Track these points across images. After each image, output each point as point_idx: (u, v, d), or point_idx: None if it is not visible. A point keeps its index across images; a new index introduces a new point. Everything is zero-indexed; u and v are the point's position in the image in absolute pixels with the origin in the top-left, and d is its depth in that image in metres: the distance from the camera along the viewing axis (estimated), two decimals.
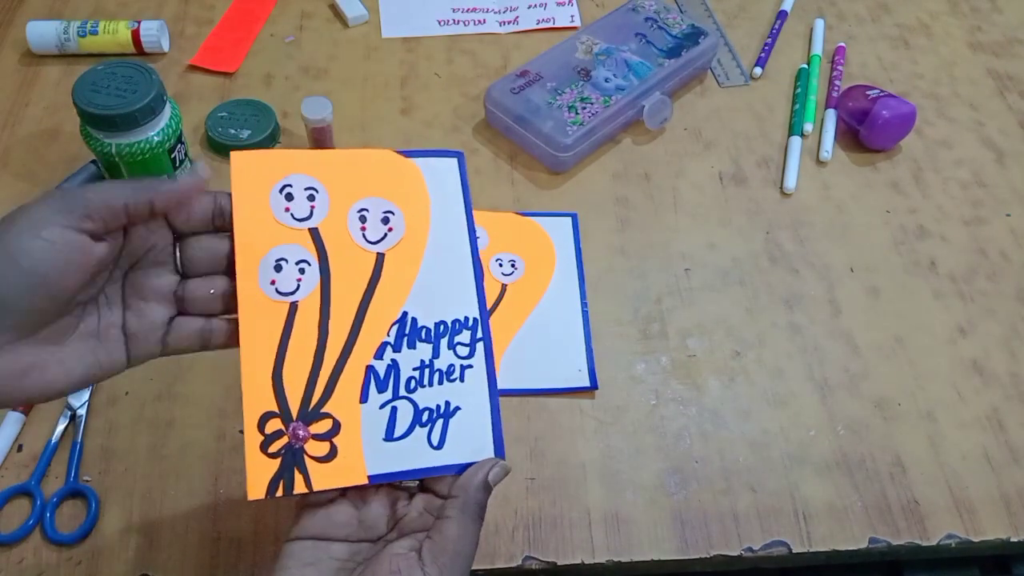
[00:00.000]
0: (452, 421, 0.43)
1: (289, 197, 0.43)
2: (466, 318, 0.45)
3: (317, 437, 0.41)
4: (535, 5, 0.86)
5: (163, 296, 0.41)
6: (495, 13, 0.85)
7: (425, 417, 0.43)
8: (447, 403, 0.43)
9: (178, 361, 0.58)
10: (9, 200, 0.65)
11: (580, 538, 0.53)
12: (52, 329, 0.37)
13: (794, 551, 0.53)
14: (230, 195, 0.42)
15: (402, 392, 0.43)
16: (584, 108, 0.71)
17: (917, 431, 0.59)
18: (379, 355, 0.43)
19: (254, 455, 0.40)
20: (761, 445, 0.57)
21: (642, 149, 0.75)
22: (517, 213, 0.69)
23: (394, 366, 0.43)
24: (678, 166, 0.73)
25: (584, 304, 0.63)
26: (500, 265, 0.65)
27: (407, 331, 0.44)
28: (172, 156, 0.63)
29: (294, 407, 0.41)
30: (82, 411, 0.56)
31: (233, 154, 0.43)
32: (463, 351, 0.44)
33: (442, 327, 0.44)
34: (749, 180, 0.73)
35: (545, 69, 0.74)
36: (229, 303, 0.42)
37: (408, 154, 0.46)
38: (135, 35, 0.77)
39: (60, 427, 0.55)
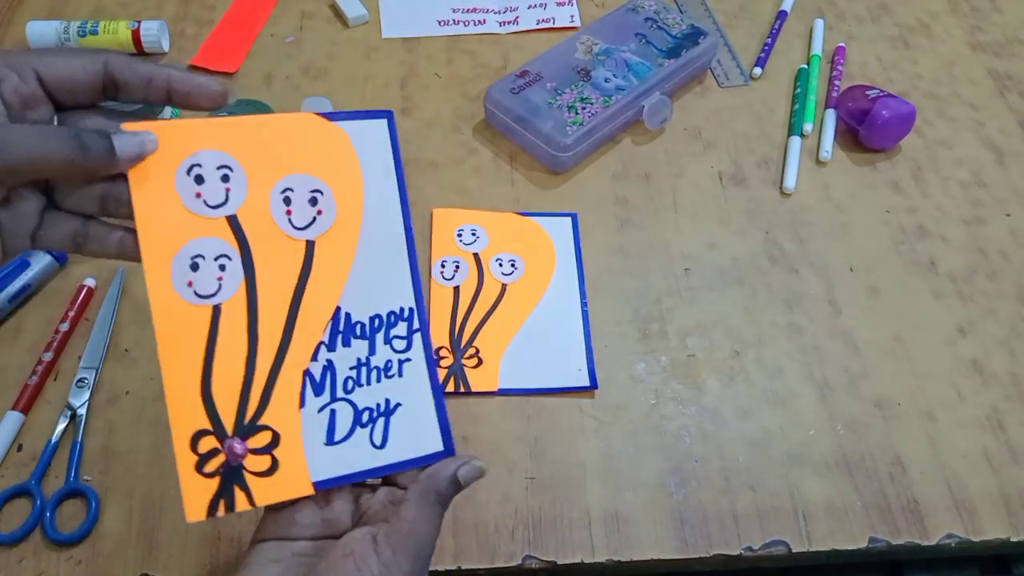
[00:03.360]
0: (393, 419, 0.40)
1: (199, 179, 0.37)
2: (402, 309, 0.41)
3: (256, 452, 0.38)
4: (535, 5, 0.86)
5: (36, 187, 0.37)
6: (495, 13, 0.85)
7: (365, 417, 0.40)
8: (387, 401, 0.40)
9: None
10: None
11: (580, 537, 0.53)
12: None
13: (794, 551, 0.53)
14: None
15: (340, 394, 0.40)
16: (584, 108, 0.71)
17: (917, 431, 0.59)
18: (315, 357, 0.39)
19: (189, 476, 0.37)
20: (761, 445, 0.57)
21: (642, 149, 0.75)
22: (517, 213, 0.69)
23: (330, 367, 0.39)
24: (678, 166, 0.73)
25: (584, 304, 0.63)
26: (500, 265, 0.65)
27: (341, 329, 0.40)
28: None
29: (228, 422, 0.37)
30: (82, 411, 0.56)
31: (123, 127, 0.36)
32: (400, 344, 0.41)
33: (377, 321, 0.40)
34: (749, 180, 0.73)
35: (545, 69, 0.74)
36: (107, 204, 0.37)
37: (332, 117, 0.40)
38: (135, 35, 0.77)
39: (60, 427, 0.55)
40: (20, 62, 0.35)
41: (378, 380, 0.40)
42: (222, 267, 0.37)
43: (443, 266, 0.65)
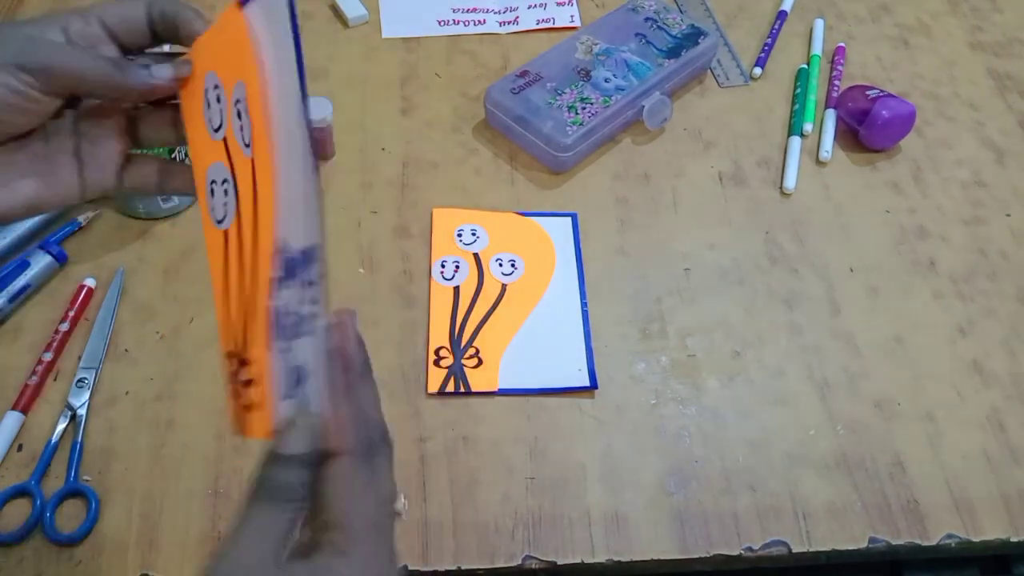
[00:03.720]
0: (308, 388, 0.33)
1: (208, 104, 0.36)
2: (312, 247, 0.33)
3: (244, 384, 0.35)
4: (535, 5, 0.86)
5: (118, 123, 0.39)
6: (495, 13, 0.85)
7: (295, 377, 0.33)
8: (305, 365, 0.33)
9: (178, 361, 0.59)
10: None
11: (580, 538, 0.53)
12: None
13: (794, 551, 0.53)
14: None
15: (288, 340, 0.33)
16: (584, 108, 0.71)
17: (917, 431, 0.59)
18: (275, 292, 0.33)
19: (228, 390, 0.36)
20: (761, 445, 0.57)
21: (642, 149, 0.75)
22: (517, 213, 0.69)
23: (284, 307, 0.33)
24: (678, 166, 0.73)
25: (584, 304, 0.63)
26: (500, 265, 0.65)
27: (285, 261, 0.33)
28: (172, 155, 0.62)
29: (239, 347, 0.35)
30: (82, 411, 0.56)
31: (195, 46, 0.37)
32: (313, 293, 0.33)
33: (299, 257, 0.33)
34: (749, 180, 0.73)
35: (545, 69, 0.74)
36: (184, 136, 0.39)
37: (243, 2, 0.33)
38: None
39: (60, 427, 0.55)
40: (82, 9, 0.37)
41: (299, 335, 0.33)
42: (225, 192, 0.36)
43: (443, 266, 0.65)
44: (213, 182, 0.36)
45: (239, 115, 0.34)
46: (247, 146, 0.33)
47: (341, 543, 0.31)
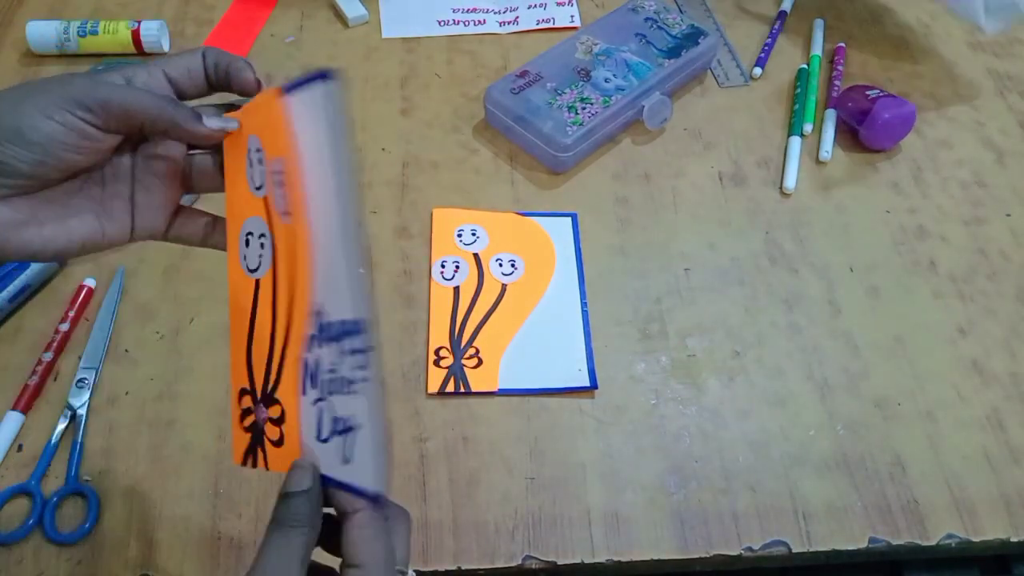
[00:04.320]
0: (358, 437, 0.36)
1: (250, 163, 0.39)
2: (356, 321, 0.35)
3: (272, 421, 0.39)
4: (535, 5, 0.86)
5: (172, 172, 0.41)
6: (495, 13, 0.85)
7: (340, 427, 0.36)
8: (353, 417, 0.36)
9: (178, 361, 0.59)
10: None
11: (580, 537, 0.53)
12: (55, 190, 0.38)
13: (794, 551, 0.53)
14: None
15: (325, 394, 0.36)
16: (584, 108, 0.71)
17: (917, 431, 0.59)
18: (309, 348, 0.37)
19: (235, 425, 0.40)
20: (761, 445, 0.57)
21: (642, 149, 0.75)
22: (517, 213, 0.69)
23: (319, 363, 0.36)
24: (678, 166, 0.73)
25: (584, 304, 0.63)
26: (500, 265, 0.65)
27: (321, 324, 0.36)
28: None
29: (258, 387, 0.40)
30: (82, 411, 0.56)
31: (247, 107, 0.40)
32: (360, 360, 0.36)
33: (340, 326, 0.36)
34: (749, 180, 0.73)
35: (545, 69, 0.74)
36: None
37: (286, 89, 0.36)
38: (135, 35, 0.77)
39: (60, 427, 0.55)
40: (147, 63, 0.39)
41: (346, 392, 0.36)
42: (261, 245, 0.39)
43: (443, 266, 0.65)
44: (250, 233, 0.40)
45: (279, 185, 0.37)
46: (286, 214, 0.37)
47: None
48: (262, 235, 0.39)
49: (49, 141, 0.35)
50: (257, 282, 0.40)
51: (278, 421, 0.39)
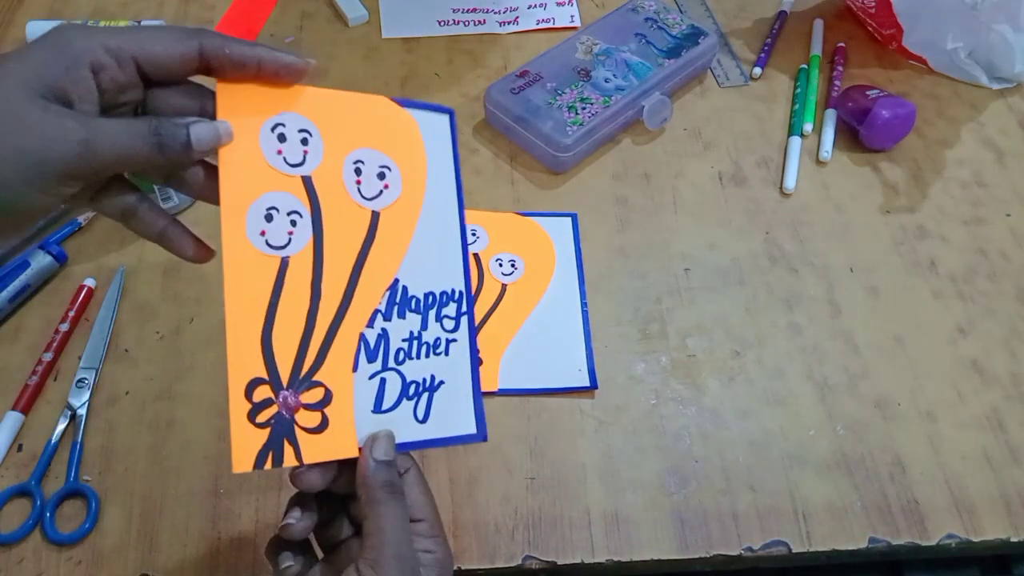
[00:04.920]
0: (436, 395, 0.41)
1: (282, 138, 0.39)
2: (453, 290, 0.43)
3: (308, 407, 0.37)
4: (535, 5, 0.86)
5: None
6: (495, 13, 0.85)
7: (412, 390, 0.41)
8: (432, 377, 0.41)
9: (178, 361, 0.59)
10: None
11: (580, 538, 0.53)
12: None
13: (794, 551, 0.53)
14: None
15: (391, 363, 0.40)
16: (584, 108, 0.71)
17: (917, 431, 0.59)
18: (371, 323, 0.40)
19: (241, 424, 0.36)
20: (761, 445, 0.57)
21: (642, 149, 0.75)
22: (517, 213, 0.69)
23: (384, 336, 0.40)
24: (678, 166, 0.73)
25: (584, 304, 0.63)
26: (500, 265, 0.65)
27: (398, 300, 0.41)
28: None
29: (284, 374, 0.37)
30: (82, 411, 0.56)
31: (219, 85, 0.38)
32: (449, 324, 0.43)
33: (431, 298, 0.42)
34: (749, 180, 0.73)
35: (545, 69, 0.74)
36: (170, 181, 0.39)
37: (403, 103, 0.43)
38: None
39: (60, 427, 0.55)
40: (119, 48, 0.36)
41: (427, 355, 0.42)
42: (293, 222, 0.38)
43: None
44: (273, 208, 0.38)
45: (358, 172, 0.41)
46: (368, 199, 0.41)
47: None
48: (293, 212, 0.38)
49: (26, 213, 0.35)
50: (285, 260, 0.38)
51: (319, 404, 0.38)
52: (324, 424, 0.38)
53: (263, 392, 0.37)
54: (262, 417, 0.37)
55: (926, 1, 0.76)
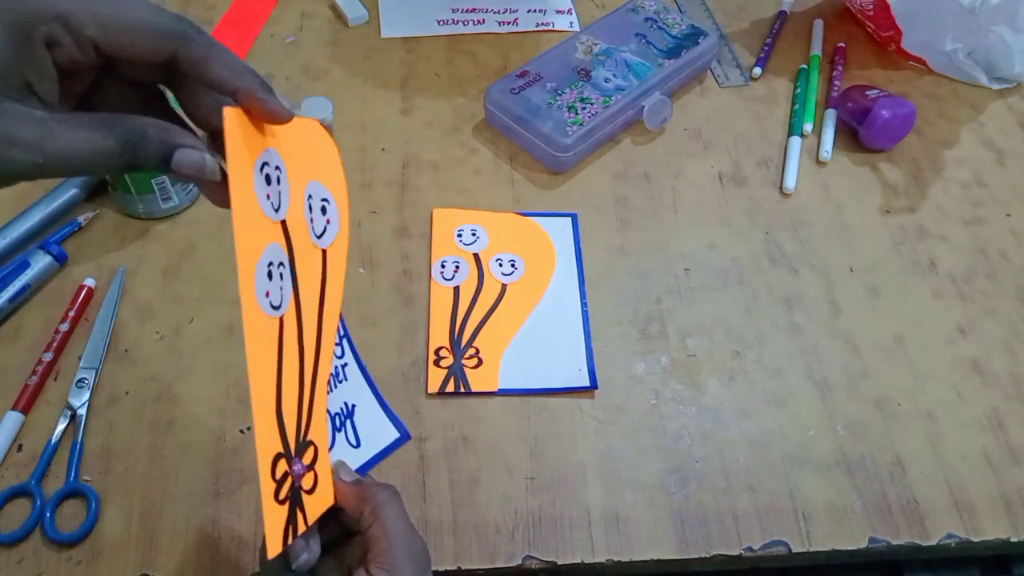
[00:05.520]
0: (356, 419, 0.43)
1: (268, 180, 0.33)
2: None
3: (306, 468, 0.36)
4: (534, 10, 0.86)
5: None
6: (495, 13, 0.85)
7: (338, 423, 0.42)
8: (346, 404, 0.43)
9: (178, 361, 0.59)
10: (10, 200, 0.65)
11: (580, 538, 0.53)
12: None
13: (794, 551, 0.53)
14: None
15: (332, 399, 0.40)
16: (584, 108, 0.71)
17: (917, 431, 0.59)
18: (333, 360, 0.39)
19: (271, 507, 0.33)
20: (761, 445, 0.57)
21: (642, 149, 0.75)
22: (517, 213, 0.69)
23: (335, 374, 0.41)
24: (678, 166, 0.73)
25: (584, 304, 0.63)
26: (500, 265, 0.65)
27: (340, 336, 0.41)
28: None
29: (292, 442, 0.35)
30: (82, 411, 0.56)
31: (227, 111, 0.32)
32: (338, 351, 0.44)
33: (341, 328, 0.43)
34: (749, 180, 0.73)
35: (545, 69, 0.74)
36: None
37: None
38: None
39: (60, 427, 0.55)
40: (78, 24, 0.31)
41: (335, 387, 0.42)
42: (281, 276, 0.34)
43: (443, 266, 0.65)
44: (271, 264, 0.33)
45: (310, 208, 0.36)
46: (319, 237, 0.37)
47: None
48: (281, 264, 0.34)
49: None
50: (281, 320, 0.34)
51: (311, 465, 0.36)
52: (315, 483, 0.36)
53: (282, 467, 0.34)
54: (283, 493, 0.34)
55: (924, 4, 0.76)
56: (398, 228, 0.67)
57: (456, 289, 0.63)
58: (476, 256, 0.65)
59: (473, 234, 0.67)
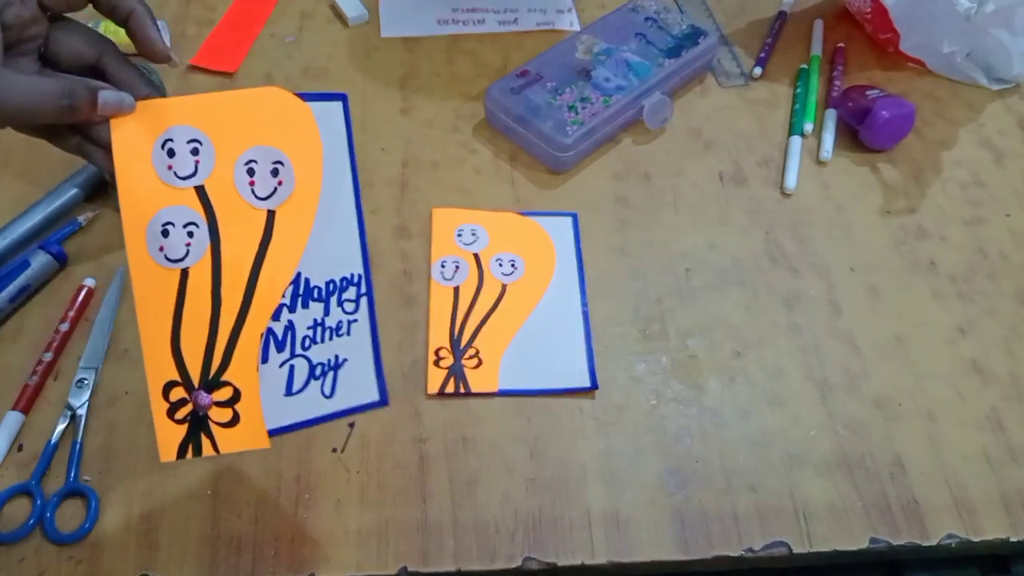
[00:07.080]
0: (341, 372, 0.47)
1: (171, 153, 0.41)
2: (352, 275, 0.48)
3: (219, 404, 0.42)
4: (534, 10, 0.86)
5: None
6: (495, 13, 0.85)
7: (319, 371, 0.46)
8: (336, 356, 0.47)
9: None
10: (10, 200, 0.65)
11: (580, 538, 0.53)
12: None
13: (794, 551, 0.53)
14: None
15: (298, 350, 0.46)
16: (584, 108, 0.71)
17: (917, 431, 0.59)
18: (276, 317, 0.45)
19: (162, 421, 0.41)
20: (761, 445, 0.57)
21: (642, 149, 0.75)
22: (517, 213, 0.69)
23: (291, 327, 0.45)
24: (678, 166, 0.73)
25: (584, 304, 0.63)
26: (500, 265, 0.65)
27: (301, 292, 0.46)
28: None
29: (195, 376, 0.41)
30: (82, 411, 0.56)
31: (113, 121, 0.41)
32: (350, 307, 0.48)
33: (332, 286, 0.47)
34: (749, 180, 0.73)
35: (545, 69, 0.74)
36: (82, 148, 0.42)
37: (298, 96, 0.44)
38: None
39: (60, 427, 0.55)
40: None
41: (330, 339, 0.47)
42: (190, 234, 0.41)
43: (443, 266, 0.64)
44: (168, 223, 0.41)
45: (251, 172, 0.42)
46: (262, 199, 0.42)
47: None
48: (190, 224, 0.41)
49: None
50: (184, 271, 0.41)
51: (229, 402, 0.42)
52: (236, 419, 0.42)
53: (178, 393, 0.41)
54: (180, 415, 0.42)
55: (921, 8, 0.76)
56: (398, 228, 0.67)
57: (456, 289, 0.63)
58: (476, 256, 0.65)
59: (473, 234, 0.67)
